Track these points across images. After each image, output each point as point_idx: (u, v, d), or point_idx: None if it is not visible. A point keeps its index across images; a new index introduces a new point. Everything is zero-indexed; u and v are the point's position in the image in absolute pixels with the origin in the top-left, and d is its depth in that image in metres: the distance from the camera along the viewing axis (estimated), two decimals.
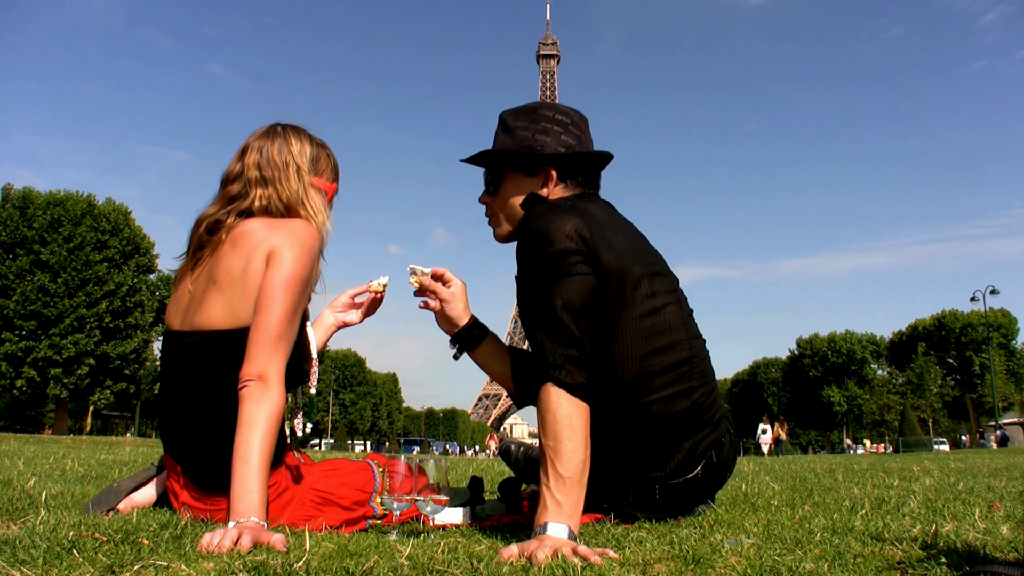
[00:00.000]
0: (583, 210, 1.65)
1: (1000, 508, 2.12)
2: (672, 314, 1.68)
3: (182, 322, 1.63)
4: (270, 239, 1.57)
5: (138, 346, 33.87)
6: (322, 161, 1.80)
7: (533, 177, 1.80)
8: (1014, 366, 46.88)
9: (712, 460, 1.75)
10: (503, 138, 1.84)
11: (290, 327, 1.55)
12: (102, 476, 3.39)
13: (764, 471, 5.93)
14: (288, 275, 1.54)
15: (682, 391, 1.67)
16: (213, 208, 1.69)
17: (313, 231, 1.63)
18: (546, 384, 1.48)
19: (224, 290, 1.58)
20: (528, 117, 1.82)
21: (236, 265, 1.58)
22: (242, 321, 1.55)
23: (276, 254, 1.55)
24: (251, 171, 1.69)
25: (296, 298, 1.55)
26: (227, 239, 1.62)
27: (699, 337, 1.78)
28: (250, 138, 1.76)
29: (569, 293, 1.53)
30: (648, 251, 1.74)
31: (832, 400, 53.38)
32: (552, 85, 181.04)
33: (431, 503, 1.60)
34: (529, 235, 1.60)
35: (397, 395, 74.22)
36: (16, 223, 30.96)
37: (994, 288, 31.43)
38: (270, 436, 1.45)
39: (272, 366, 1.50)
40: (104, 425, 51.64)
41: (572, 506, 1.38)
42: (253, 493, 1.39)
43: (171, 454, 1.65)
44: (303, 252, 1.57)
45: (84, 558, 1.09)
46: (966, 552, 1.25)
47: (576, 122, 1.83)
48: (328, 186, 1.81)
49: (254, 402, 1.46)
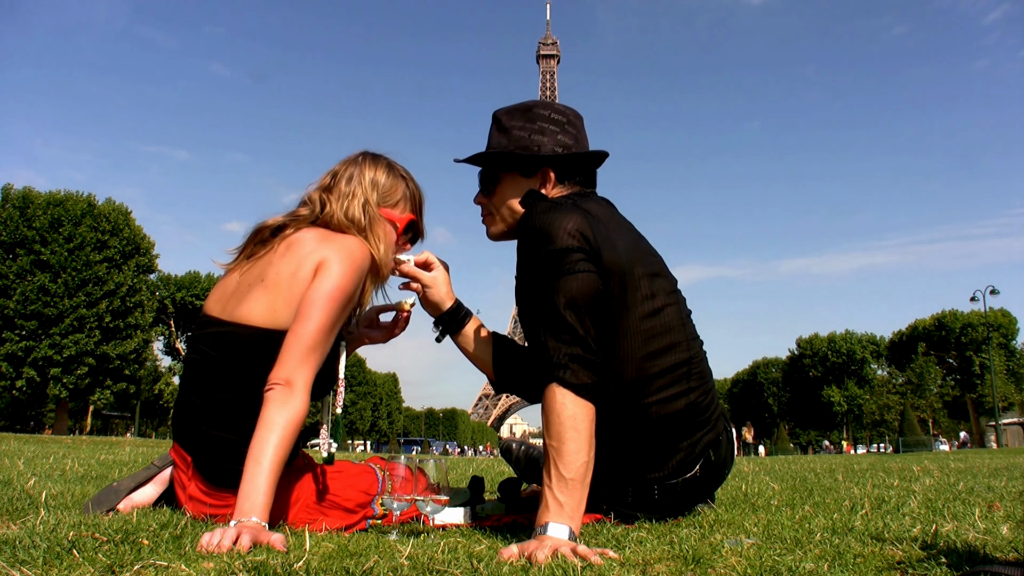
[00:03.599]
0: (585, 208, 1.64)
1: (1000, 508, 2.12)
2: (672, 315, 1.68)
3: (222, 310, 1.64)
4: (322, 250, 1.59)
5: (138, 346, 33.88)
6: (397, 192, 1.80)
7: (530, 178, 1.80)
8: (1014, 366, 46.87)
9: (710, 459, 1.75)
10: (498, 138, 1.82)
11: (326, 339, 1.55)
12: (102, 476, 3.39)
13: (764, 471, 5.94)
14: (332, 287, 1.55)
15: (680, 392, 1.67)
16: (280, 218, 1.72)
17: (365, 249, 1.65)
18: (551, 384, 1.46)
19: (270, 290, 1.59)
20: (524, 116, 1.81)
21: (286, 269, 1.59)
22: (280, 323, 1.56)
23: (325, 265, 1.57)
24: (322, 194, 1.73)
25: (337, 312, 1.56)
26: (283, 243, 1.64)
27: (697, 338, 1.78)
28: (337, 164, 1.80)
29: (572, 291, 1.51)
30: (648, 251, 1.74)
31: (832, 400, 53.40)
32: (552, 85, 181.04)
33: (431, 503, 1.60)
34: (530, 233, 1.58)
35: (397, 395, 74.24)
36: (16, 223, 30.97)
37: (994, 288, 31.48)
38: (287, 441, 1.45)
39: (301, 374, 1.50)
40: (104, 425, 51.66)
41: (574, 507, 1.38)
42: (260, 495, 1.39)
43: (182, 444, 1.64)
44: (351, 267, 1.58)
45: (84, 558, 1.09)
46: (966, 552, 1.25)
47: (572, 121, 1.83)
48: (399, 218, 1.80)
49: (277, 406, 1.46)
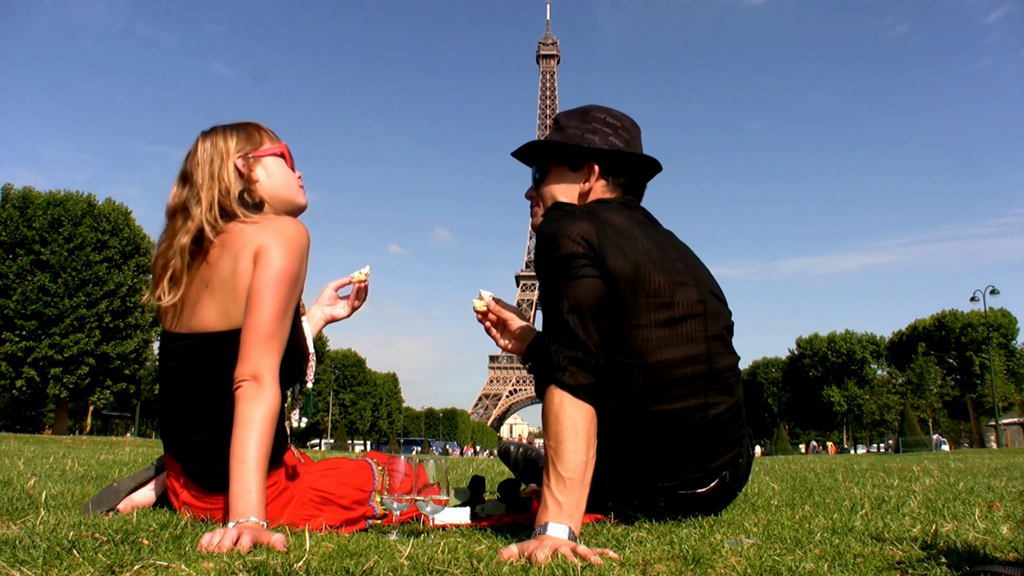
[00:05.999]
0: (597, 215, 1.65)
1: (1000, 508, 2.12)
2: (693, 327, 1.65)
3: (178, 325, 1.63)
4: (256, 238, 1.56)
5: (138, 346, 33.85)
6: (255, 134, 1.74)
7: (577, 171, 1.84)
8: (1014, 366, 46.82)
9: (725, 480, 1.75)
10: (554, 135, 1.90)
11: (281, 324, 1.54)
12: (102, 476, 3.39)
13: (764, 471, 5.93)
14: (276, 273, 1.53)
15: (697, 405, 1.65)
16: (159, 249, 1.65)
17: (301, 227, 1.61)
18: (550, 386, 1.48)
19: (216, 292, 1.57)
20: (580, 117, 1.87)
21: (225, 267, 1.57)
22: (235, 322, 1.55)
23: (263, 252, 1.54)
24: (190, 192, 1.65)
25: (286, 295, 1.54)
26: (216, 242, 1.61)
27: (727, 354, 1.72)
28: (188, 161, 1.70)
29: (575, 296, 1.53)
30: (678, 260, 1.70)
31: (832, 400, 53.34)
32: (552, 85, 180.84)
33: (431, 503, 1.59)
34: (540, 241, 1.63)
35: (397, 395, 74.19)
36: (16, 223, 30.93)
37: (994, 288, 31.46)
38: (267, 436, 1.45)
39: (266, 365, 1.49)
40: (104, 425, 51.62)
41: (573, 506, 1.38)
42: (252, 493, 1.39)
43: (171, 453, 1.64)
44: (291, 248, 1.56)
45: (84, 558, 1.09)
46: (966, 552, 1.25)
47: (627, 127, 1.88)
48: (275, 148, 1.74)
49: (249, 402, 1.46)
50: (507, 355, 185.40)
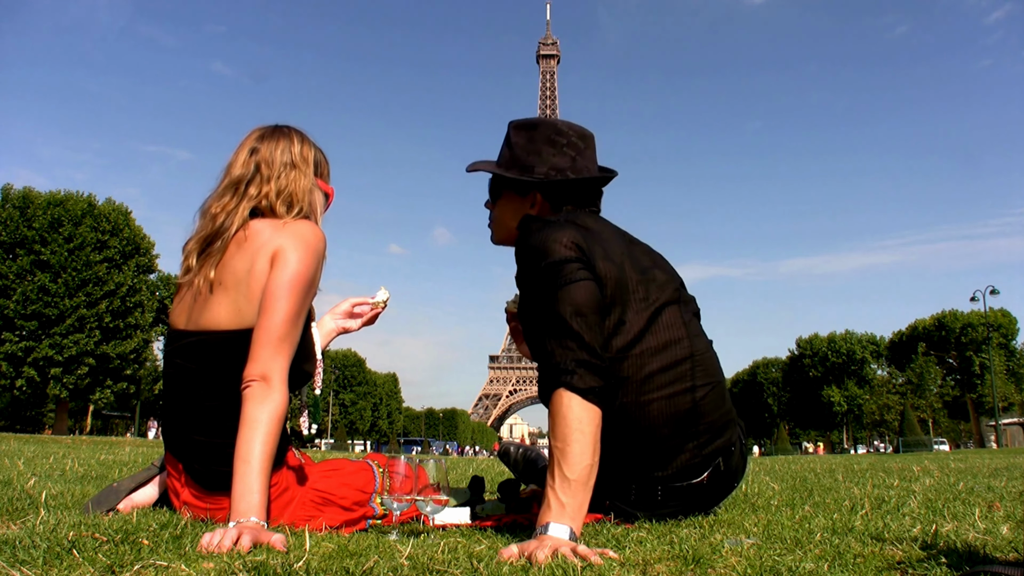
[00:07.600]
0: (575, 222, 1.70)
1: (1000, 508, 2.12)
2: (670, 314, 1.71)
3: (187, 321, 1.63)
4: (275, 240, 1.58)
5: (138, 346, 33.88)
6: (323, 165, 1.83)
7: (524, 198, 1.89)
8: (1014, 366, 46.84)
9: (720, 468, 1.76)
10: (504, 150, 1.93)
11: (294, 328, 1.55)
12: (102, 476, 3.39)
13: (764, 471, 5.94)
14: (292, 276, 1.54)
15: (685, 389, 1.68)
16: (217, 206, 1.67)
17: (319, 232, 1.64)
18: (558, 389, 1.48)
19: (229, 291, 1.58)
20: (527, 135, 1.89)
21: (241, 266, 1.58)
22: (247, 322, 1.56)
23: (281, 255, 1.56)
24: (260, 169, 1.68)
25: (300, 299, 1.56)
26: (233, 240, 1.62)
27: (702, 336, 1.79)
28: (252, 137, 1.74)
29: (576, 299, 1.54)
30: (643, 255, 1.77)
31: (832, 400, 53.38)
32: (552, 85, 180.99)
33: (431, 503, 1.60)
34: (527, 252, 1.63)
35: (397, 395, 74.22)
36: (16, 223, 30.96)
37: (994, 288, 31.45)
38: (272, 437, 1.45)
39: (275, 367, 1.50)
40: (104, 425, 51.63)
41: (576, 508, 1.38)
42: (254, 493, 1.39)
43: (173, 452, 1.65)
44: (308, 253, 1.58)
45: (84, 558, 1.09)
46: (966, 552, 1.25)
47: (573, 142, 1.87)
48: (329, 189, 1.83)
49: (257, 402, 1.46)
50: (507, 355, 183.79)
